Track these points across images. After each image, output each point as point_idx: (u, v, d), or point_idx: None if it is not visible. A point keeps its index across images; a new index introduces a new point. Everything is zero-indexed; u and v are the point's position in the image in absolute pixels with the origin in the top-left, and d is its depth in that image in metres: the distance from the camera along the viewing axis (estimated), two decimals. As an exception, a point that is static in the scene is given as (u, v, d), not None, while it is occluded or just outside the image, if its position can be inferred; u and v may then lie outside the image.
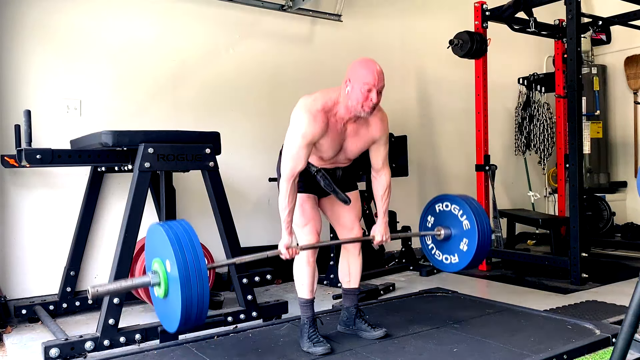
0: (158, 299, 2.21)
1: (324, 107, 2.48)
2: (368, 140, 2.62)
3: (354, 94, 2.44)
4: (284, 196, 2.45)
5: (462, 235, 2.88)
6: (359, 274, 2.82)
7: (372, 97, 2.42)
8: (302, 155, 2.45)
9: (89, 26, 3.91)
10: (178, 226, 2.16)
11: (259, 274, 3.29)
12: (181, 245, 2.07)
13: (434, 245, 3.05)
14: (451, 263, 2.97)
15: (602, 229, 5.66)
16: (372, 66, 2.44)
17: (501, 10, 4.65)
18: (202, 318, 2.12)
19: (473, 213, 2.84)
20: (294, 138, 2.45)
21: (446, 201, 2.98)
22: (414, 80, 5.59)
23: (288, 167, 2.45)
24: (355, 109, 2.46)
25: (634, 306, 1.65)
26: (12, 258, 3.64)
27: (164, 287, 2.13)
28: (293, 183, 2.45)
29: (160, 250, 2.15)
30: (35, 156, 2.91)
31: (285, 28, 4.79)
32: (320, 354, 2.50)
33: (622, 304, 3.46)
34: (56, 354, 2.58)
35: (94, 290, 2.05)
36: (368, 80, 2.41)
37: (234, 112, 4.51)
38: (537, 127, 5.70)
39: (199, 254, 2.09)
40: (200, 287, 2.05)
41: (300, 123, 2.45)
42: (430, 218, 3.04)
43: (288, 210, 2.46)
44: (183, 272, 2.03)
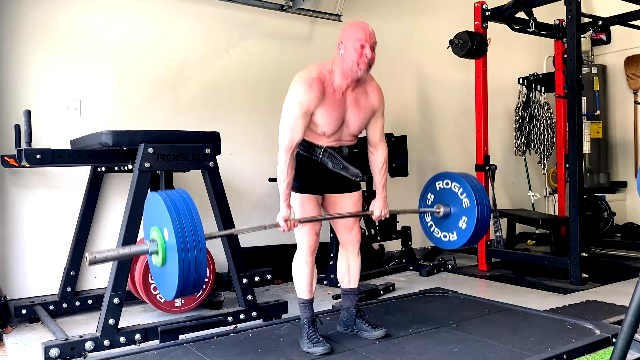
0: (156, 267, 2.20)
1: (319, 76, 2.49)
2: (368, 109, 2.61)
3: (348, 55, 2.46)
4: (282, 168, 2.45)
5: (462, 213, 2.85)
6: (358, 274, 2.82)
7: (366, 52, 2.46)
8: (300, 125, 2.45)
9: (89, 26, 3.91)
10: (176, 195, 2.14)
11: (259, 274, 3.29)
12: (179, 213, 2.06)
13: (433, 223, 3.02)
14: (449, 240, 2.94)
15: (602, 229, 5.67)
16: (363, 24, 2.51)
17: (501, 10, 4.65)
18: (200, 286, 2.12)
19: (473, 191, 2.81)
20: (291, 108, 2.46)
21: (447, 179, 2.95)
22: (414, 80, 5.59)
23: (286, 138, 2.45)
24: (351, 69, 2.47)
25: (634, 306, 1.65)
26: (12, 258, 3.64)
27: (161, 255, 2.12)
28: (291, 155, 2.46)
29: (158, 219, 2.14)
30: (35, 156, 2.91)
31: (285, 28, 4.79)
32: (320, 354, 2.50)
33: (622, 304, 3.46)
34: (56, 354, 2.58)
35: (91, 257, 2.03)
36: (360, 36, 2.46)
37: (234, 112, 4.51)
38: (537, 127, 5.70)
39: (196, 222, 2.08)
40: (197, 255, 2.05)
41: (295, 92, 2.46)
42: (430, 196, 3.01)
43: (287, 183, 2.46)
44: (180, 240, 2.02)
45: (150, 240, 2.17)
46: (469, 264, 4.99)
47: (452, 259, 4.95)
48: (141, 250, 2.17)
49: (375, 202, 2.74)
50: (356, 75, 2.49)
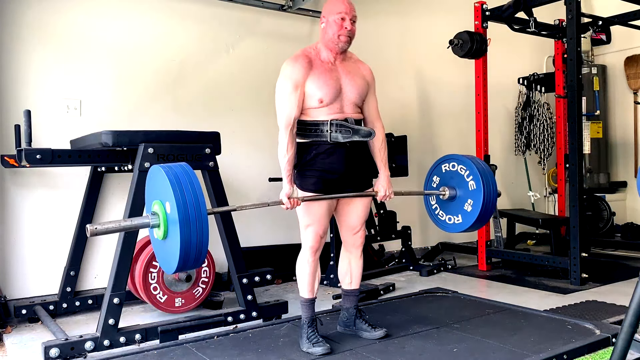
0: (157, 240, 2.20)
1: (304, 52, 2.60)
2: (362, 80, 2.65)
3: (329, 28, 2.58)
4: (283, 145, 2.48)
5: (467, 196, 2.82)
6: (359, 275, 2.82)
7: (346, 25, 2.56)
8: (294, 100, 2.50)
9: (89, 26, 3.91)
10: (179, 168, 2.14)
11: (259, 274, 3.29)
12: (181, 187, 2.06)
13: (438, 206, 2.98)
14: (454, 224, 2.90)
15: (602, 229, 5.67)
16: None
17: (501, 10, 4.65)
18: (201, 260, 2.12)
19: (480, 173, 2.77)
20: (282, 86, 2.53)
21: (453, 161, 2.91)
22: (413, 80, 5.59)
23: (283, 115, 2.50)
24: (332, 41, 2.57)
25: (634, 306, 1.65)
26: (12, 258, 3.64)
27: (163, 229, 2.11)
28: (291, 131, 2.49)
29: (161, 192, 2.13)
30: (35, 156, 2.91)
31: (285, 28, 4.79)
32: (320, 354, 2.50)
33: (622, 304, 3.46)
34: (56, 354, 2.58)
35: (92, 228, 2.04)
36: (340, 9, 2.57)
37: (234, 112, 4.51)
38: (537, 127, 5.70)
39: (199, 196, 2.08)
40: (199, 229, 2.04)
41: (283, 71, 2.55)
42: (436, 178, 2.98)
43: (287, 158, 2.47)
44: (182, 213, 2.02)
45: (152, 213, 2.16)
46: (469, 264, 4.99)
47: (452, 259, 4.95)
48: (143, 222, 2.16)
49: (379, 182, 2.73)
50: (337, 47, 2.58)
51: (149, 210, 2.23)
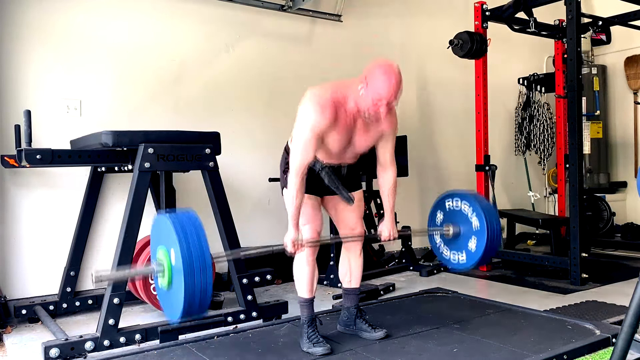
0: (162, 288, 2.21)
1: (333, 99, 2.43)
2: (377, 135, 2.59)
3: (365, 99, 2.38)
4: (292, 191, 2.43)
5: (471, 234, 2.83)
6: (359, 274, 2.82)
7: (381, 109, 2.37)
8: (311, 148, 2.42)
9: (89, 26, 3.91)
10: (184, 217, 2.15)
11: (259, 274, 3.29)
12: (187, 237, 2.06)
13: (442, 242, 3.00)
14: (458, 262, 2.92)
15: (602, 229, 5.67)
16: (391, 78, 2.34)
17: (501, 10, 4.65)
18: (204, 309, 2.12)
19: (483, 212, 2.78)
20: (303, 131, 2.42)
21: (456, 198, 2.92)
22: (414, 80, 5.58)
23: (297, 160, 2.42)
24: (362, 110, 2.42)
25: (634, 306, 1.65)
26: (12, 258, 3.63)
27: (167, 277, 2.12)
28: (302, 177, 2.43)
29: (166, 240, 2.14)
30: (35, 156, 2.91)
31: (285, 28, 4.79)
32: (320, 354, 2.50)
33: (622, 304, 3.46)
34: (56, 354, 2.58)
35: (97, 275, 2.03)
36: (382, 93, 2.33)
37: (234, 112, 4.51)
38: (537, 127, 5.70)
39: (204, 246, 2.08)
40: (204, 280, 2.05)
41: (309, 115, 2.41)
42: (440, 214, 2.99)
43: (296, 205, 2.43)
44: (187, 265, 2.03)
45: (156, 262, 2.18)
46: (469, 264, 4.98)
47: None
48: (147, 270, 2.17)
49: (383, 224, 2.74)
50: (364, 116, 2.45)
51: (154, 257, 2.25)
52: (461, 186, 5.65)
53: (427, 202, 5.61)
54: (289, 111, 4.76)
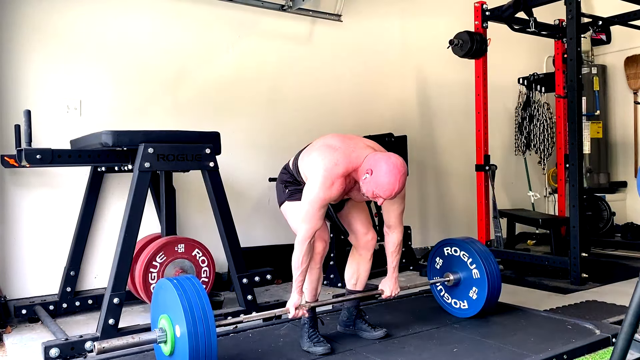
0: (162, 354, 2.24)
1: (344, 172, 2.45)
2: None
3: (367, 186, 2.41)
4: (298, 256, 2.44)
5: (472, 284, 2.94)
6: (366, 279, 2.85)
7: (379, 201, 2.43)
8: (320, 215, 2.44)
9: (89, 26, 3.91)
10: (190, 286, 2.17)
11: (259, 274, 3.30)
12: (192, 308, 2.09)
13: (444, 289, 3.11)
14: (460, 309, 3.03)
15: (602, 229, 5.66)
16: (395, 183, 2.36)
17: (501, 10, 4.65)
18: None
19: (482, 261, 2.89)
20: (312, 200, 2.42)
21: (454, 246, 3.03)
22: (414, 80, 5.58)
23: (305, 227, 2.43)
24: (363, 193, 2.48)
25: (634, 306, 1.65)
26: (12, 258, 3.63)
27: (170, 347, 2.16)
28: (309, 244, 2.45)
29: (170, 310, 2.17)
30: (35, 156, 2.91)
31: (285, 28, 4.79)
32: (321, 353, 2.51)
33: (622, 304, 3.46)
34: (56, 354, 2.58)
35: (100, 347, 2.06)
36: (383, 192, 2.37)
37: (234, 112, 4.51)
38: (537, 127, 5.70)
39: (209, 317, 2.11)
40: (208, 349, 2.08)
41: (319, 187, 2.41)
42: (439, 260, 3.11)
43: (301, 271, 2.46)
44: (193, 339, 2.05)
45: (159, 329, 2.20)
46: (469, 264, 4.98)
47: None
48: (150, 339, 2.20)
49: (385, 282, 2.78)
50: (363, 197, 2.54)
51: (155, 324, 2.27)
52: (461, 186, 5.69)
53: (427, 202, 5.62)
54: (289, 111, 4.80)
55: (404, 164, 2.41)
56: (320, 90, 4.90)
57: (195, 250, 3.32)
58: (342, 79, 5.01)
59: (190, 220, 4.19)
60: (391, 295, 2.76)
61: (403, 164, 2.41)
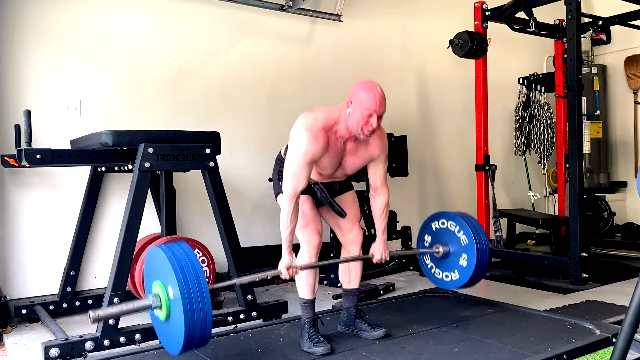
0: (158, 320, 2.23)
1: (324, 125, 2.49)
2: (366, 158, 2.65)
3: (354, 116, 2.44)
4: (285, 215, 2.46)
5: (461, 251, 2.90)
6: (359, 275, 2.84)
7: (372, 122, 2.43)
8: (304, 174, 2.46)
9: (89, 26, 3.91)
10: (179, 250, 2.17)
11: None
12: (183, 270, 2.08)
13: (433, 264, 3.08)
14: (452, 280, 2.99)
15: (602, 229, 5.66)
16: (374, 91, 2.43)
17: (501, 10, 4.65)
18: (206, 338, 2.14)
19: (470, 228, 2.86)
20: (295, 157, 2.45)
21: (442, 218, 3.00)
22: (414, 80, 5.59)
23: (290, 186, 2.45)
24: (355, 130, 2.48)
25: (634, 306, 1.65)
26: (12, 258, 3.64)
27: (165, 311, 2.15)
28: (295, 202, 2.46)
29: (162, 275, 2.16)
30: (35, 156, 2.91)
31: (285, 28, 4.79)
32: (321, 354, 2.51)
33: (622, 304, 3.46)
34: (56, 354, 2.58)
35: (95, 315, 2.06)
36: (369, 105, 2.41)
37: (234, 112, 4.51)
38: (537, 127, 5.70)
39: (201, 278, 2.10)
40: (202, 309, 2.07)
41: (301, 142, 2.45)
42: (428, 237, 3.08)
43: (289, 230, 2.47)
44: (186, 298, 2.05)
45: (153, 295, 2.19)
46: (469, 264, 4.98)
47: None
48: (144, 305, 2.20)
49: (375, 246, 2.77)
50: (358, 136, 2.51)
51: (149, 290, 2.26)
52: (461, 186, 5.69)
53: (427, 202, 5.62)
54: (289, 111, 4.80)
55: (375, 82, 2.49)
56: (320, 90, 4.90)
57: (195, 250, 3.32)
58: (342, 78, 5.01)
59: (190, 220, 4.19)
60: (381, 259, 2.75)
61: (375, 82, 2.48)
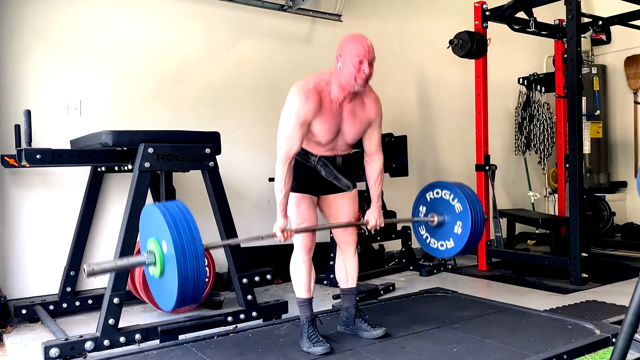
0: (153, 278, 2.20)
1: (316, 86, 2.50)
2: (365, 121, 2.62)
3: (346, 68, 2.46)
4: (280, 178, 2.46)
5: (456, 219, 2.85)
6: (355, 274, 2.83)
7: (364, 68, 2.45)
8: (297, 136, 2.46)
9: (89, 26, 3.91)
10: (174, 207, 2.15)
11: (259, 274, 3.29)
12: (177, 225, 2.06)
13: (429, 234, 3.02)
14: (447, 249, 2.92)
15: (602, 229, 5.66)
16: (362, 39, 2.48)
17: (501, 10, 4.65)
18: (198, 296, 2.12)
19: (464, 195, 2.81)
20: (288, 119, 2.46)
21: (437, 188, 2.96)
22: (414, 80, 5.59)
23: (283, 149, 2.46)
24: (349, 83, 2.47)
25: (634, 306, 1.65)
26: (12, 258, 3.64)
27: (159, 267, 2.12)
28: (289, 165, 2.47)
29: (156, 231, 2.14)
30: (35, 156, 2.91)
31: (285, 28, 4.79)
32: (320, 353, 2.50)
33: (622, 304, 3.46)
34: (56, 354, 2.58)
35: (89, 268, 2.04)
36: (359, 52, 2.44)
37: (234, 112, 4.51)
38: (537, 127, 5.70)
39: (195, 234, 2.08)
40: (196, 267, 2.05)
41: (293, 103, 2.46)
42: (422, 208, 3.02)
43: (284, 193, 2.47)
44: (180, 252, 2.02)
45: (147, 252, 2.18)
46: (469, 264, 4.99)
47: (452, 259, 4.95)
48: (138, 261, 2.19)
49: (370, 212, 2.76)
50: (353, 89, 2.50)
51: (144, 247, 2.25)
52: (461, 186, 5.67)
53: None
54: (289, 111, 4.78)
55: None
56: (320, 90, 4.89)
57: (195, 250, 3.31)
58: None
59: (190, 220, 4.19)
60: (376, 225, 2.74)
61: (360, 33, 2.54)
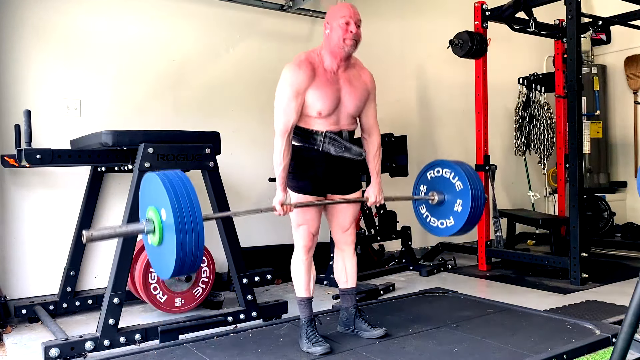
0: (152, 246, 2.20)
1: (307, 58, 2.56)
2: (363, 89, 2.64)
3: (334, 33, 2.53)
4: (278, 152, 2.48)
5: (456, 197, 2.84)
6: (355, 273, 2.82)
7: (351, 29, 2.51)
8: (293, 107, 2.48)
9: (89, 26, 3.91)
10: (174, 175, 2.15)
11: (259, 274, 3.29)
12: (176, 193, 2.06)
13: (429, 213, 3.00)
14: (447, 227, 2.90)
15: (602, 229, 5.66)
16: (346, 4, 2.57)
17: (501, 10, 4.65)
18: (196, 265, 2.12)
19: (465, 174, 2.80)
20: (283, 91, 2.50)
21: (437, 167, 2.95)
22: (414, 80, 5.59)
23: (281, 122, 2.48)
24: (338, 46, 2.52)
25: (634, 306, 1.65)
26: (12, 258, 3.64)
27: (158, 235, 2.11)
28: (287, 138, 2.49)
29: (156, 199, 2.13)
30: (35, 156, 2.91)
31: (285, 28, 4.79)
32: (320, 353, 2.50)
33: (622, 304, 3.46)
34: (56, 354, 2.58)
35: (88, 234, 2.04)
36: (344, 13, 2.52)
37: (234, 112, 4.51)
38: (537, 127, 5.70)
39: (194, 202, 2.08)
40: (195, 235, 2.05)
41: (285, 75, 2.51)
42: (423, 187, 3.01)
43: (283, 166, 2.48)
44: (178, 220, 2.02)
45: (146, 220, 2.16)
46: (469, 264, 4.99)
47: (452, 259, 4.95)
48: (138, 229, 2.18)
49: (370, 189, 2.78)
50: (344, 51, 2.54)
51: (143, 216, 2.23)
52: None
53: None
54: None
55: None
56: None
57: (195, 250, 3.31)
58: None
59: (190, 220, 4.18)
60: (376, 201, 2.75)
61: None
